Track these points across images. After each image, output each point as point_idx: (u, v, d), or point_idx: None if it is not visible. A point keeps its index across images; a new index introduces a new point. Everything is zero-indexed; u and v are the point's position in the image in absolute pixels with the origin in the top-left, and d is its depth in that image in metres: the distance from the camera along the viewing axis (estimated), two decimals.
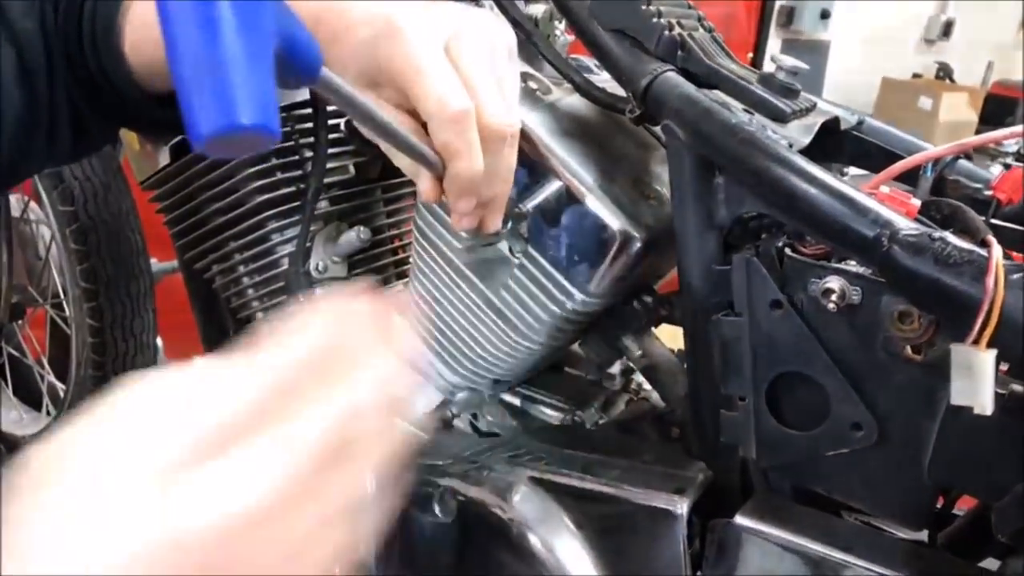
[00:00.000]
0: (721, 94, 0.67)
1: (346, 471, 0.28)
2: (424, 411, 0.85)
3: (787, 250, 0.62)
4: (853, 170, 0.87)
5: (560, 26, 0.92)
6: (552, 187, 0.71)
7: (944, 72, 5.43)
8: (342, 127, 0.88)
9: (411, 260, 0.84)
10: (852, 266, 0.60)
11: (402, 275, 0.96)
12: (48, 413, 1.53)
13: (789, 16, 4.62)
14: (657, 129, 0.77)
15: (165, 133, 0.87)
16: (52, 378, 1.54)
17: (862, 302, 0.58)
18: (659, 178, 0.75)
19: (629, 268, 0.70)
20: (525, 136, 0.71)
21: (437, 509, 0.74)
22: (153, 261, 1.52)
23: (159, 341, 1.55)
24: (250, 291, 0.91)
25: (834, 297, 0.58)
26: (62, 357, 1.45)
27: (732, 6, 4.11)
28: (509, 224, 0.72)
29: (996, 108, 4.98)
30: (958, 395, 0.51)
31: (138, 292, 1.31)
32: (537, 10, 0.87)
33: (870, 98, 5.05)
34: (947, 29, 5.39)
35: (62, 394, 1.44)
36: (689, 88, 0.65)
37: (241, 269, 0.89)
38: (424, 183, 0.55)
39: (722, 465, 0.69)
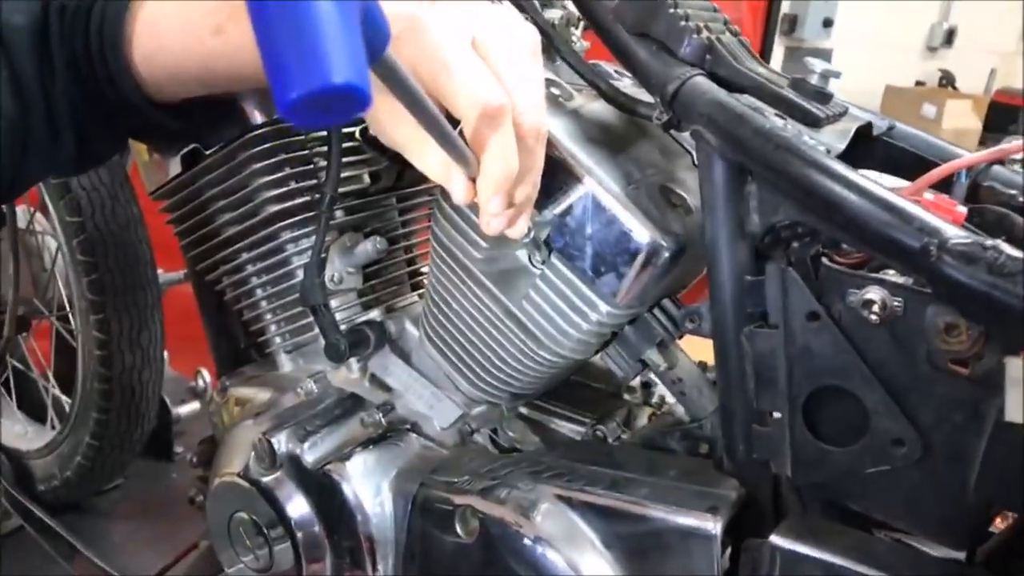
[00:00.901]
0: (752, 99, 0.65)
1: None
2: (442, 426, 0.83)
3: (823, 259, 0.60)
4: (869, 175, 0.85)
5: (577, 32, 0.91)
6: (576, 194, 0.69)
7: (947, 79, 5.42)
8: (356, 135, 0.86)
9: (428, 270, 0.82)
10: (892, 276, 0.58)
11: (417, 286, 0.94)
12: (53, 427, 1.51)
13: (792, 24, 4.61)
14: (682, 136, 0.76)
15: (176, 143, 0.86)
16: (57, 391, 1.52)
17: (905, 313, 0.56)
18: (685, 185, 0.73)
19: (656, 278, 0.68)
20: (548, 142, 0.68)
21: (458, 528, 0.71)
22: (160, 272, 1.51)
23: (165, 352, 1.53)
24: (263, 303, 0.88)
25: (875, 308, 0.56)
26: (68, 370, 1.43)
27: (737, 14, 4.10)
28: (531, 233, 0.70)
29: (999, 115, 4.96)
30: (1013, 411, 0.49)
31: (145, 304, 1.29)
32: (554, 15, 0.85)
33: (874, 106, 5.03)
34: (949, 37, 5.38)
35: (67, 408, 1.42)
36: (720, 92, 0.63)
37: (254, 280, 0.87)
38: (458, 184, 0.52)
39: (753, 482, 0.67)
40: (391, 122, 0.53)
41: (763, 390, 0.64)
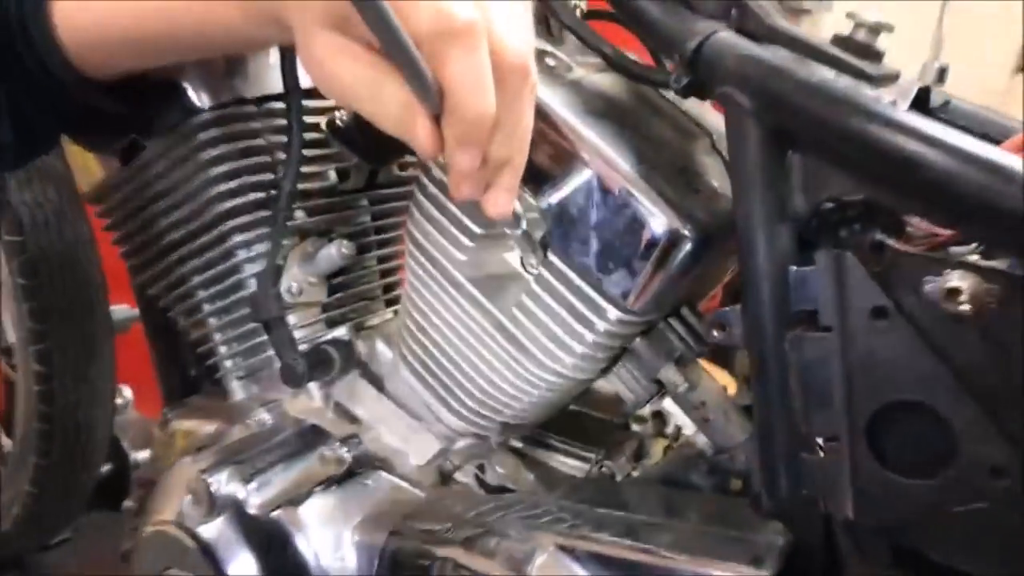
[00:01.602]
0: (790, 53, 0.54)
1: None
2: (418, 463, 0.70)
3: (891, 242, 0.48)
4: None
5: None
6: (579, 178, 0.57)
7: None
8: (322, 126, 0.75)
9: (405, 278, 0.70)
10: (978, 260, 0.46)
11: (392, 302, 0.82)
12: None
13: None
14: (699, 110, 0.65)
15: (113, 136, 0.74)
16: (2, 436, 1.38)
17: (1001, 304, 0.44)
18: (707, 170, 0.61)
19: (677, 276, 0.57)
20: (544, 117, 0.57)
21: None
22: (124, 307, 1.38)
23: (128, 392, 1.40)
24: (211, 320, 0.76)
25: (962, 299, 0.44)
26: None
27: None
28: (522, 223, 0.59)
29: None
30: None
31: (93, 333, 1.15)
32: None
33: None
34: (941, 75, 5.38)
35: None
36: (751, 46, 0.52)
37: (200, 293, 0.75)
38: (421, 129, 0.41)
39: (801, 525, 0.54)
40: (339, 64, 0.42)
41: (814, 409, 0.51)
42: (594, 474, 0.70)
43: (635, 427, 0.79)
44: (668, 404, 0.81)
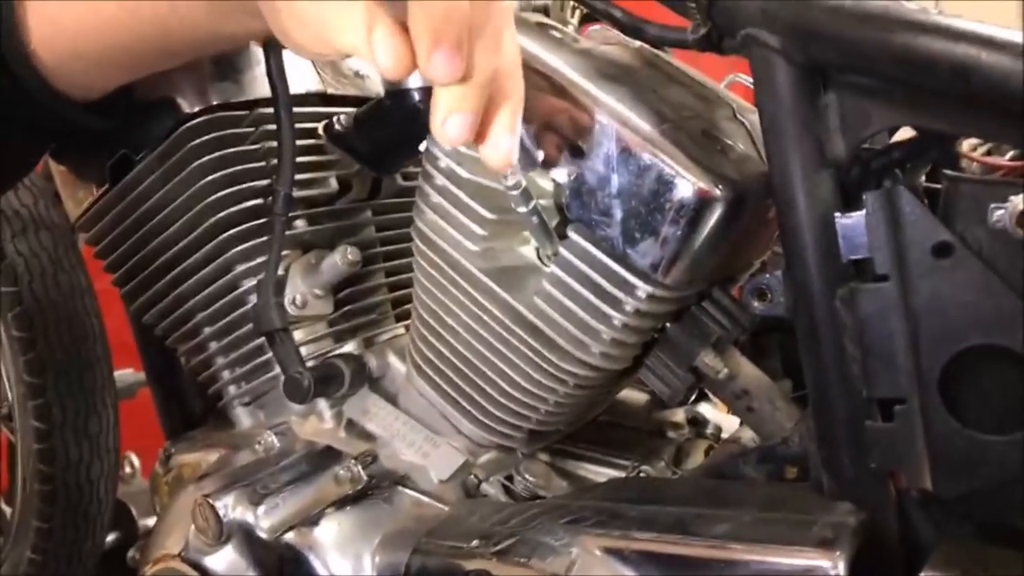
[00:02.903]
0: None
1: None
2: (440, 478, 0.64)
3: (945, 171, 0.44)
4: None
5: (573, 21, 0.80)
6: (596, 143, 0.53)
7: None
8: (320, 131, 0.71)
9: (413, 279, 0.65)
10: None
11: (402, 317, 0.77)
12: None
13: None
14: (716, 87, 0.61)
15: (101, 156, 0.71)
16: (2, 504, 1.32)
17: None
18: (733, 134, 0.57)
19: (711, 241, 0.52)
20: (553, 82, 0.54)
21: None
22: (129, 371, 1.34)
23: (135, 460, 1.35)
24: (212, 343, 0.71)
25: None
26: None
27: None
28: (533, 201, 0.54)
29: None
30: None
31: (94, 385, 1.11)
32: None
33: None
34: None
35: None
36: None
37: (199, 315, 0.70)
38: (381, 35, 0.36)
39: (870, 503, 0.49)
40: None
41: (876, 370, 0.46)
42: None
43: (671, 434, 0.73)
44: (704, 408, 0.76)
